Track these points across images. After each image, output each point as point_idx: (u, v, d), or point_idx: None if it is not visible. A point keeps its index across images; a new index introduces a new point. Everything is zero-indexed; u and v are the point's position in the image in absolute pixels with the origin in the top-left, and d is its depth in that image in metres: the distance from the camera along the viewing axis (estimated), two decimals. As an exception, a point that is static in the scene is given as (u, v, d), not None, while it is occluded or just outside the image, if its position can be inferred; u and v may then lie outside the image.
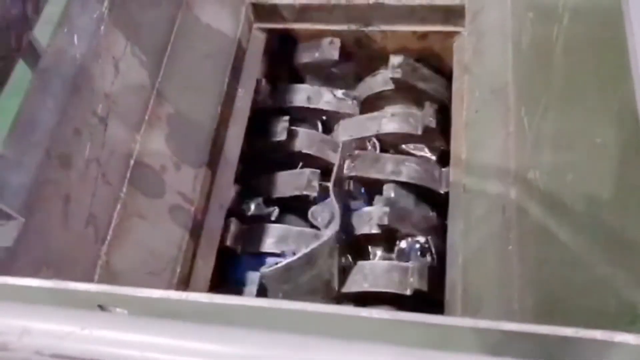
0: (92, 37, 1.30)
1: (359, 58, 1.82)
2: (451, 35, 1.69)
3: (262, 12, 1.77)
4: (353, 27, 1.76)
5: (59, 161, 1.19)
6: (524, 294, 1.12)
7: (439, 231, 1.52)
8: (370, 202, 1.59)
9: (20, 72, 1.22)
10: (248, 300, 0.57)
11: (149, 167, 1.38)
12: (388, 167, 1.61)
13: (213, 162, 1.53)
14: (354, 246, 1.53)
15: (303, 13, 1.76)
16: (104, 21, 1.33)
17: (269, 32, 1.80)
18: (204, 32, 1.60)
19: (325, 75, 1.82)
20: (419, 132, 1.63)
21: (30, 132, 1.17)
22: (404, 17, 1.70)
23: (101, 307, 0.57)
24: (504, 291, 1.17)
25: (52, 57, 1.24)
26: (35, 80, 1.22)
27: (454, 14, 1.66)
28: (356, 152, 1.65)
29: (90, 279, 1.21)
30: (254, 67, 1.74)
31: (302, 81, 1.84)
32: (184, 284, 1.40)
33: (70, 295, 0.58)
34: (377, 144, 1.69)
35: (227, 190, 1.57)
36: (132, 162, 1.35)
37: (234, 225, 1.55)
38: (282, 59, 1.83)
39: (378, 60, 1.77)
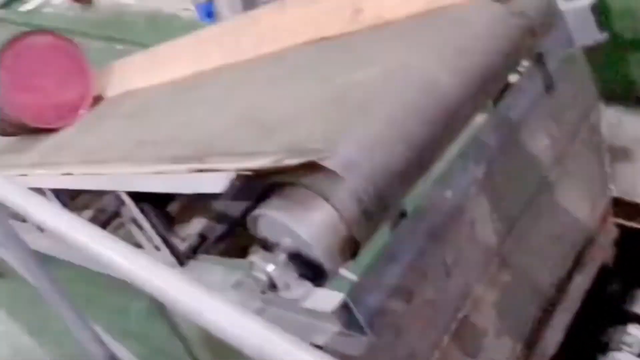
0: (462, 196, 1.43)
1: None
2: None
3: (621, 208, 1.73)
4: None
5: (403, 295, 1.31)
6: None
7: None
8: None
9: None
10: None
11: (473, 326, 1.42)
12: None
13: (531, 343, 1.51)
14: None
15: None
16: (475, 184, 1.46)
17: (624, 229, 1.74)
18: (560, 215, 1.63)
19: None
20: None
21: (386, 267, 1.31)
22: None
23: None
24: None
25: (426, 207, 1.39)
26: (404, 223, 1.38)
27: None
28: None
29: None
30: (597, 259, 1.69)
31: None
32: None
33: None
34: None
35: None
36: (459, 315, 1.41)
37: None
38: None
39: None
